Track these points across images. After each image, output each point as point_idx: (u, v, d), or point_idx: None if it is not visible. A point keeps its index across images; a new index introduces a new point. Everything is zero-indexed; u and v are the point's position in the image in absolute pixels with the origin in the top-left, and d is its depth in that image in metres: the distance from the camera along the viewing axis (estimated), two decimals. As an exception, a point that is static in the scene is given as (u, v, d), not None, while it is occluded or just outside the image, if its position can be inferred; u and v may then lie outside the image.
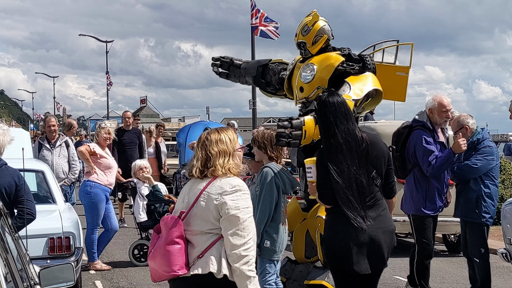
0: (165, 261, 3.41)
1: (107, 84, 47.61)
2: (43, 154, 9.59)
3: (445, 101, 6.32)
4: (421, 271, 6.37)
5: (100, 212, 8.35)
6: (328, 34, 5.51)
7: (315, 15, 5.61)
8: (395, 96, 6.33)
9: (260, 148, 5.20)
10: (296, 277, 5.55)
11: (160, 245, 3.47)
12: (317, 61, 5.46)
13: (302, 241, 5.57)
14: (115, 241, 9.91)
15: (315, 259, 5.50)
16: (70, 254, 6.32)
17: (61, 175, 9.63)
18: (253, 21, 22.53)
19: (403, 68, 5.90)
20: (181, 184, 16.69)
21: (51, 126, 9.82)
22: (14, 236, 3.34)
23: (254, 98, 24.36)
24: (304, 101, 5.51)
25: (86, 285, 7.57)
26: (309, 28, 5.50)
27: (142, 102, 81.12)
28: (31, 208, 5.03)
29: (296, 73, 5.68)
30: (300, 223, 5.57)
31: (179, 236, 3.42)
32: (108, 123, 9.00)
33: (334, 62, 5.37)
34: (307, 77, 5.42)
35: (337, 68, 5.33)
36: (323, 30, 5.49)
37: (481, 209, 6.22)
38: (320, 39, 5.48)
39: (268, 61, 6.22)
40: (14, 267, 2.77)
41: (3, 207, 3.20)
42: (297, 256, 5.60)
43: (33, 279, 3.27)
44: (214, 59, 6.57)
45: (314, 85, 5.36)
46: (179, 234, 3.42)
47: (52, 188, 7.25)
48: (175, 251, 3.40)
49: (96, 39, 49.07)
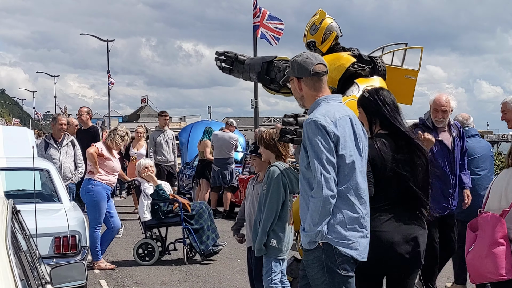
0: (491, 263, 3.23)
1: (108, 83, 47.59)
2: (49, 153, 9.59)
3: (438, 100, 6.23)
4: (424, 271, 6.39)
5: (102, 210, 8.35)
6: (336, 31, 5.49)
7: (321, 13, 5.58)
8: (402, 99, 6.31)
9: (268, 147, 5.22)
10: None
11: (482, 245, 3.27)
12: (328, 60, 5.43)
13: None
14: (119, 240, 9.91)
15: None
16: (76, 253, 6.31)
17: (68, 174, 9.65)
18: (254, 20, 22.53)
19: (412, 72, 5.88)
20: (183, 183, 16.65)
21: (62, 125, 9.81)
22: (25, 235, 3.33)
23: (256, 97, 24.35)
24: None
25: (91, 284, 7.55)
26: (317, 27, 5.48)
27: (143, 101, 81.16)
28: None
29: None
30: None
31: (503, 237, 3.25)
32: (128, 131, 8.94)
33: (345, 62, 5.35)
34: None
35: (348, 69, 5.31)
36: (331, 27, 5.47)
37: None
38: (329, 36, 5.46)
39: (273, 57, 6.17)
40: (27, 265, 2.76)
41: (14, 205, 3.19)
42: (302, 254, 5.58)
43: (43, 278, 3.26)
44: (218, 53, 6.45)
45: None
46: (503, 234, 3.25)
47: (58, 187, 7.25)
48: (500, 252, 3.22)
49: (97, 38, 49.02)
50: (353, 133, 3.70)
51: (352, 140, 3.68)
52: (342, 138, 3.61)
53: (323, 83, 3.81)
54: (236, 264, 8.69)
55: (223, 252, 9.01)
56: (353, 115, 3.77)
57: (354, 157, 3.66)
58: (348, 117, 3.71)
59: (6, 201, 3.19)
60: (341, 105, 3.82)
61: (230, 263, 8.78)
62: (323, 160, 3.52)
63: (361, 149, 3.74)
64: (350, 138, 3.67)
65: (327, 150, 3.54)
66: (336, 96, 3.91)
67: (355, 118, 3.78)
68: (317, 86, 3.79)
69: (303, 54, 3.86)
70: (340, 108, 3.76)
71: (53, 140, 9.77)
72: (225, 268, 8.44)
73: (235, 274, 8.09)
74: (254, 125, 23.80)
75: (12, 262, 2.25)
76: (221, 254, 9.04)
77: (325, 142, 3.55)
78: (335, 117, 3.64)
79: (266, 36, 22.12)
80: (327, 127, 3.56)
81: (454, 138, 6.36)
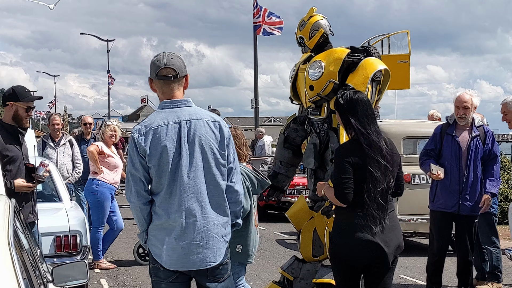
0: None
1: (108, 83, 47.63)
2: (47, 152, 9.60)
3: (460, 97, 6.29)
4: (427, 268, 6.44)
5: (106, 211, 8.34)
6: (324, 29, 5.47)
7: (310, 10, 5.64)
8: (399, 85, 6.36)
9: None
10: (304, 275, 5.54)
11: None
12: (323, 57, 5.43)
13: (309, 239, 5.54)
14: (119, 240, 9.91)
15: (323, 258, 5.49)
16: (77, 253, 6.32)
17: (65, 174, 9.64)
18: (255, 20, 22.57)
19: (404, 56, 5.92)
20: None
21: (55, 125, 9.83)
22: (27, 234, 3.34)
23: (257, 97, 24.37)
24: (315, 99, 5.47)
25: (91, 283, 7.56)
26: (305, 23, 5.51)
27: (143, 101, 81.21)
28: None
29: (300, 75, 5.65)
30: (308, 222, 5.55)
31: None
32: (114, 122, 8.99)
33: (341, 54, 5.35)
34: (315, 74, 5.38)
35: (345, 60, 5.30)
36: (319, 24, 5.47)
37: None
38: (316, 33, 5.46)
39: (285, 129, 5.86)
40: (29, 264, 2.76)
41: (16, 204, 3.20)
42: (304, 255, 5.58)
43: (45, 277, 3.26)
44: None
45: (325, 79, 5.33)
46: None
47: (58, 186, 7.25)
48: None
49: (97, 38, 49.06)
50: (177, 140, 3.59)
51: (168, 148, 3.57)
52: (153, 148, 3.56)
53: (168, 88, 3.69)
54: (236, 263, 8.69)
55: (223, 252, 8.98)
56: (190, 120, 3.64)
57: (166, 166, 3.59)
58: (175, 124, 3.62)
59: (8, 200, 3.20)
60: (172, 111, 3.67)
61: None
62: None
63: (187, 155, 3.61)
64: (165, 147, 3.57)
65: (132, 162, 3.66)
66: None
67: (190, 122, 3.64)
68: (163, 90, 3.70)
69: (160, 55, 3.73)
70: (165, 115, 3.64)
71: (51, 139, 9.80)
72: (226, 268, 8.43)
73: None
74: (255, 125, 23.80)
75: (14, 261, 2.25)
76: (222, 254, 9.01)
77: (132, 151, 3.62)
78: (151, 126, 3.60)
79: (268, 30, 22.20)
80: (135, 138, 3.58)
81: (474, 138, 6.30)
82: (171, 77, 3.64)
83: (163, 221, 3.59)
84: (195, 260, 3.59)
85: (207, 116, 3.67)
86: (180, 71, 3.66)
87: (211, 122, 3.65)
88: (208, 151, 3.61)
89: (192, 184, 3.58)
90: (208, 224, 3.60)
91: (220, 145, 3.65)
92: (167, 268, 3.62)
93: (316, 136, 5.46)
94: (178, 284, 3.69)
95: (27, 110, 5.25)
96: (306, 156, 5.49)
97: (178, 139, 3.57)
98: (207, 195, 3.62)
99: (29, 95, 5.34)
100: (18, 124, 5.25)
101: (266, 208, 12.65)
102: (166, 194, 3.58)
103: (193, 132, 3.59)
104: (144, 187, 3.60)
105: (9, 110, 5.25)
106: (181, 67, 3.68)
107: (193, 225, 3.57)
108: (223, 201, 3.68)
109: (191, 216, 3.57)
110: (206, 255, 3.60)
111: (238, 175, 3.76)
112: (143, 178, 3.58)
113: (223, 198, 3.68)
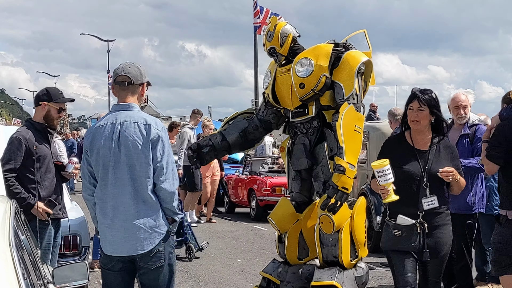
0: None
1: (109, 83, 47.64)
2: None
3: (457, 97, 6.30)
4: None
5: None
6: (292, 32, 5.45)
7: (273, 19, 5.68)
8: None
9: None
10: (290, 279, 5.49)
11: None
12: (308, 54, 5.36)
13: (295, 242, 5.51)
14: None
15: (307, 260, 5.48)
16: (77, 253, 6.32)
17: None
18: (255, 21, 22.60)
19: (366, 54, 5.88)
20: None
21: None
22: (27, 234, 3.34)
23: (257, 98, 24.39)
24: (309, 95, 5.30)
25: (91, 283, 7.56)
26: (272, 33, 5.46)
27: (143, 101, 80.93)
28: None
29: (281, 78, 5.52)
30: (294, 225, 5.50)
31: None
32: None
33: (327, 48, 5.32)
34: (305, 70, 5.30)
35: (333, 53, 5.28)
36: (286, 30, 5.44)
37: (493, 202, 6.39)
38: (286, 39, 5.44)
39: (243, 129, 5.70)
40: (30, 265, 2.77)
41: (17, 204, 3.21)
42: (290, 257, 5.54)
43: (46, 278, 3.27)
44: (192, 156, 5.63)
45: (317, 74, 5.25)
46: None
47: (58, 186, 7.24)
48: None
49: (97, 38, 49.08)
50: (110, 139, 4.05)
51: (102, 146, 4.05)
52: (93, 145, 4.09)
53: (123, 92, 4.20)
54: (236, 264, 8.71)
55: (223, 252, 9.01)
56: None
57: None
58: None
59: (9, 201, 3.21)
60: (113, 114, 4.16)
61: (230, 263, 8.80)
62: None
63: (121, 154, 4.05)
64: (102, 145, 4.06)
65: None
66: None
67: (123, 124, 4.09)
68: (119, 94, 4.24)
69: (121, 64, 4.26)
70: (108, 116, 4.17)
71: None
72: (225, 268, 8.45)
73: (235, 274, 8.11)
74: (255, 125, 23.81)
75: (15, 261, 2.26)
76: (221, 254, 9.05)
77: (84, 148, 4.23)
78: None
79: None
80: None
81: (462, 137, 6.27)
82: (126, 83, 4.16)
83: (98, 211, 4.11)
84: (124, 248, 4.05)
85: (141, 119, 4.10)
86: (135, 79, 4.17)
87: (142, 124, 4.07)
88: (133, 150, 4.01)
89: (119, 179, 4.02)
90: (133, 215, 4.01)
91: (145, 145, 4.03)
92: (107, 254, 4.14)
93: (303, 136, 5.39)
94: (118, 272, 4.18)
95: (59, 111, 5.40)
96: (297, 158, 5.37)
97: (111, 138, 4.04)
98: (132, 190, 4.02)
99: (62, 96, 5.46)
100: (49, 124, 5.39)
101: (266, 208, 12.65)
102: (100, 187, 4.08)
103: (123, 133, 4.04)
104: (89, 180, 4.13)
105: (41, 110, 5.36)
106: (136, 76, 4.18)
107: (121, 216, 4.02)
108: (149, 197, 4.04)
109: (119, 208, 4.02)
110: (133, 244, 4.03)
111: (168, 174, 4.07)
112: (88, 172, 4.12)
113: (148, 193, 4.04)
